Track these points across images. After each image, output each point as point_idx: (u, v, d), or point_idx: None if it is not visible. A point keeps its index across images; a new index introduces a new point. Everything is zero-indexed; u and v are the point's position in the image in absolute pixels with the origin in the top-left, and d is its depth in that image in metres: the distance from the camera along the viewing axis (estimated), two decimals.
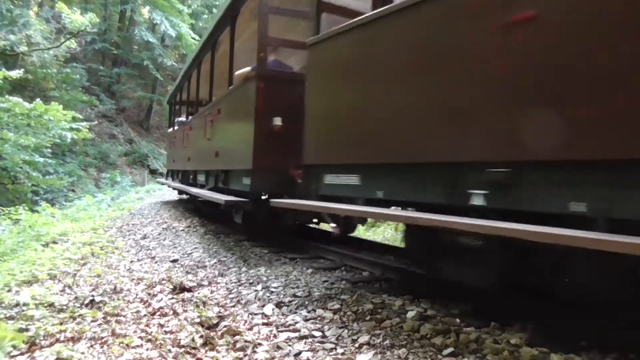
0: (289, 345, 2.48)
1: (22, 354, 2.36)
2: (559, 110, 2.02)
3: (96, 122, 18.79)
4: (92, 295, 3.39)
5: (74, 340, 2.57)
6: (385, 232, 8.98)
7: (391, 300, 3.24)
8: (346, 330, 2.68)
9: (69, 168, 18.05)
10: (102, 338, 2.58)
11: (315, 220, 5.93)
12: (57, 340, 2.54)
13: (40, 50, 18.68)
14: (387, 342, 2.49)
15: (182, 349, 2.44)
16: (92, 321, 2.87)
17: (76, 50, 21.23)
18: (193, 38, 24.47)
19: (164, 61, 25.66)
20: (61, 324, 2.79)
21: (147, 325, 2.82)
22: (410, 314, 2.89)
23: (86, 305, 3.22)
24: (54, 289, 3.58)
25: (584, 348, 2.36)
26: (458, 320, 2.82)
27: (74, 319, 2.89)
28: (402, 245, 4.95)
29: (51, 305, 3.14)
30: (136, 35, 25.47)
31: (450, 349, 2.36)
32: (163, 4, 23.54)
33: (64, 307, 3.12)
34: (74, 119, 14.30)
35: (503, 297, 2.98)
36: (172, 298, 3.44)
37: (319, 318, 2.94)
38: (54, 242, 6.31)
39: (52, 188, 15.48)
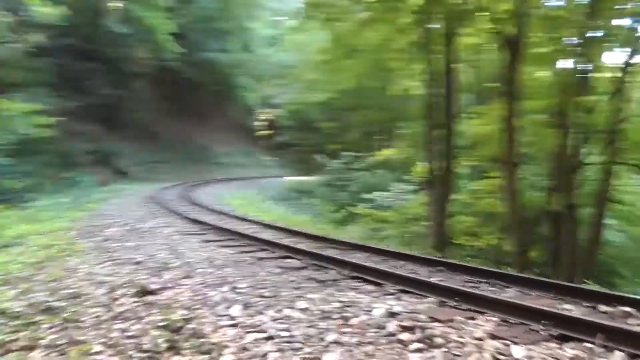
0: (256, 347, 2.44)
1: None
2: None
3: (56, 123, 17.94)
4: (49, 301, 3.25)
5: (29, 348, 2.45)
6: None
7: (359, 298, 3.25)
8: (314, 330, 2.67)
9: (27, 168, 17.26)
10: (59, 345, 2.47)
11: None
12: (9, 350, 2.42)
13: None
14: (354, 340, 2.49)
15: (146, 354, 2.37)
16: (48, 328, 2.75)
17: (44, 44, 20.25)
18: (171, 34, 24.06)
19: (135, 54, 24.87)
20: (15, 332, 2.66)
21: (108, 331, 2.72)
22: (377, 312, 2.90)
23: (42, 312, 3.08)
24: (7, 295, 3.42)
25: (547, 339, 2.43)
26: (424, 316, 2.85)
27: (29, 326, 2.76)
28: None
29: (3, 313, 3.00)
30: (109, 27, 24.62)
31: (416, 345, 2.39)
32: None
33: (18, 315, 2.98)
34: (34, 113, 13.65)
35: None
36: (135, 302, 3.33)
37: (286, 318, 2.91)
38: (7, 246, 6.02)
39: (8, 189, 14.79)
